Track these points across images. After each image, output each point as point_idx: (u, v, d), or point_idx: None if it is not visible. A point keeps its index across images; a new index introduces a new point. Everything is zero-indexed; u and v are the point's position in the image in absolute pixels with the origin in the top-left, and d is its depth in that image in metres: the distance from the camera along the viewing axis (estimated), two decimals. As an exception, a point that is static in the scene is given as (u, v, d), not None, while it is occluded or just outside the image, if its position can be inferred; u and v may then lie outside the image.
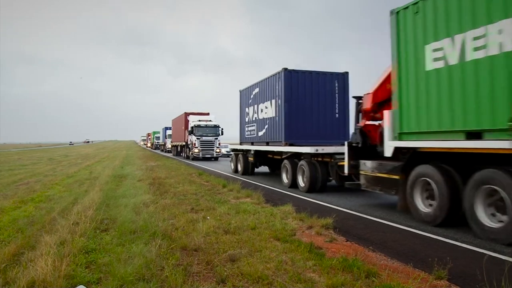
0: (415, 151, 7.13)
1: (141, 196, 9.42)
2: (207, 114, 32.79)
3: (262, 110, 15.21)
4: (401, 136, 7.39)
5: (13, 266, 4.28)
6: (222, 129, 30.17)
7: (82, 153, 49.01)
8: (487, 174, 5.75)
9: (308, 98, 13.17)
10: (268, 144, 14.69)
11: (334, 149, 11.01)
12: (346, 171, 9.36)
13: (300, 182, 11.80)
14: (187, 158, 31.65)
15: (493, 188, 5.66)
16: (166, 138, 48.83)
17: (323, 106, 13.29)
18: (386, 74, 8.53)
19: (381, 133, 8.30)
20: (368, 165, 8.55)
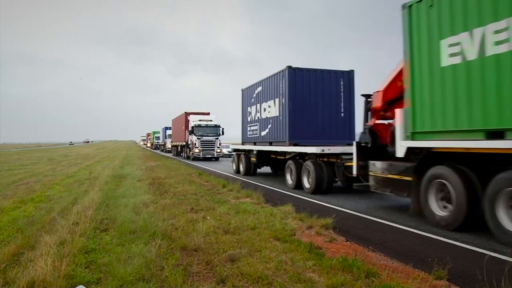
0: (429, 152, 6.81)
1: (141, 196, 9.42)
2: (208, 114, 32.51)
3: (265, 109, 14.86)
4: (414, 136, 7.06)
5: (13, 266, 4.28)
6: (223, 129, 29.95)
7: (81, 153, 49.01)
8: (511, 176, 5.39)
9: (313, 97, 12.83)
10: (271, 144, 14.38)
11: (340, 149, 10.75)
12: (355, 172, 9.04)
13: (305, 183, 11.50)
14: (188, 158, 31.42)
15: None
16: (166, 138, 48.81)
17: (328, 105, 12.96)
18: (397, 71, 8.21)
19: (392, 132, 7.98)
20: (378, 166, 8.22)
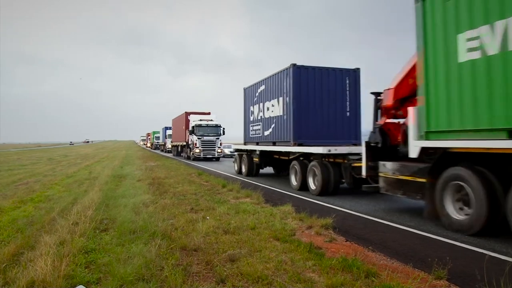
0: (445, 152, 6.46)
1: (140, 196, 9.42)
2: (208, 113, 32.19)
3: (268, 109, 14.50)
4: (428, 135, 6.73)
5: (12, 266, 4.28)
6: (224, 128, 29.68)
7: (81, 153, 49.00)
8: None
9: (318, 96, 12.45)
10: (275, 144, 14.04)
11: (347, 149, 10.51)
12: (364, 173, 8.71)
13: (311, 184, 11.14)
14: (188, 158, 31.20)
15: None
16: (166, 138, 48.77)
17: (334, 104, 12.60)
18: (409, 67, 7.89)
19: (404, 131, 7.67)
20: (389, 166, 7.88)
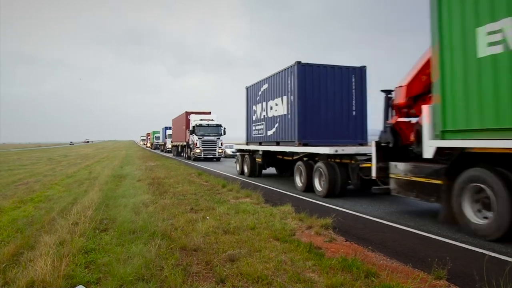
0: (463, 152, 6.15)
1: (140, 196, 9.42)
2: (209, 113, 31.85)
3: (271, 108, 14.15)
4: (444, 135, 6.41)
5: (12, 266, 4.28)
6: (225, 128, 29.36)
7: (81, 153, 49.01)
8: None
9: (323, 95, 12.08)
10: (278, 144, 13.69)
11: (355, 149, 10.28)
12: (374, 175, 8.35)
13: (317, 186, 10.79)
14: (189, 158, 30.89)
15: None
16: (166, 138, 48.75)
17: (339, 103, 12.25)
18: (421, 64, 7.55)
19: (418, 131, 7.37)
20: (401, 167, 7.55)
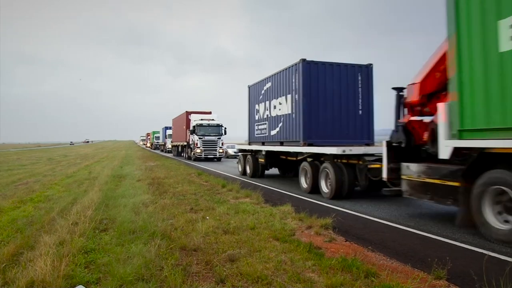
0: (482, 152, 5.83)
1: (140, 196, 9.42)
2: (209, 113, 31.60)
3: (275, 107, 13.84)
4: (461, 134, 6.09)
5: (12, 266, 4.27)
6: (225, 128, 29.17)
7: (81, 153, 49.00)
8: None
9: (329, 93, 11.76)
10: (282, 144, 13.36)
11: (363, 149, 9.99)
12: (385, 176, 8.02)
13: (323, 187, 10.47)
14: (189, 158, 30.63)
15: None
16: (166, 138, 48.73)
17: (345, 102, 11.95)
18: (435, 60, 7.22)
19: (432, 130, 7.06)
20: (414, 168, 7.24)
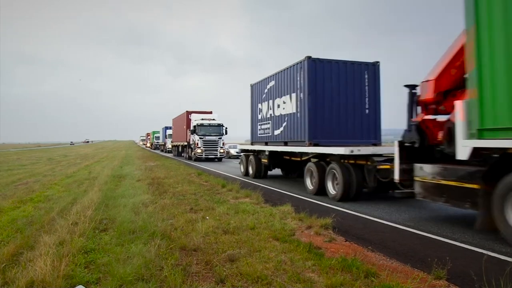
0: (505, 153, 5.53)
1: (140, 196, 9.42)
2: (210, 112, 31.42)
3: (279, 106, 13.49)
4: (481, 134, 5.78)
5: (12, 266, 4.28)
6: (226, 128, 28.95)
7: (81, 153, 48.99)
8: None
9: (335, 92, 11.44)
10: (286, 144, 13.05)
11: (372, 150, 9.76)
12: (397, 177, 7.70)
13: (330, 188, 10.13)
14: (190, 158, 30.37)
15: None
16: (166, 138, 48.71)
17: (352, 101, 11.61)
18: (450, 55, 6.80)
19: (449, 129, 6.74)
20: (428, 170, 6.92)
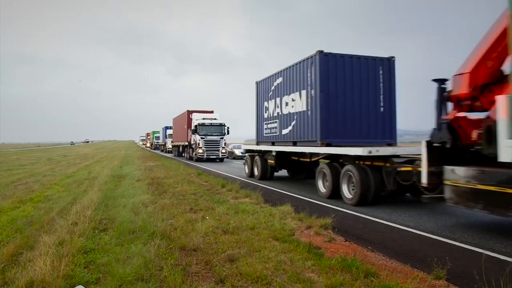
0: None
1: (140, 196, 9.42)
2: (211, 112, 31.10)
3: (287, 104, 12.83)
4: None
5: (11, 266, 4.28)
6: (228, 128, 28.55)
7: (81, 153, 48.98)
8: None
9: (348, 88, 10.82)
10: (295, 144, 12.36)
11: (391, 150, 9.21)
12: (425, 181, 7.06)
13: (346, 192, 9.46)
14: (190, 159, 29.94)
15: None
16: (166, 138, 48.60)
17: (366, 99, 10.98)
18: (487, 46, 6.22)
19: (489, 128, 6.15)
20: (461, 173, 6.33)
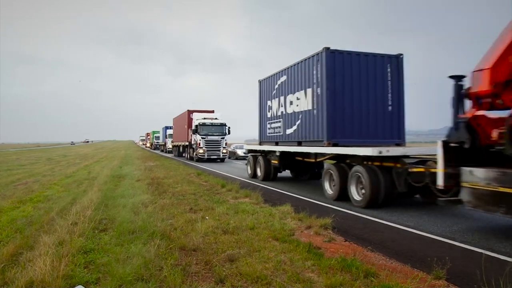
0: None
1: (139, 196, 9.42)
2: (212, 111, 30.89)
3: (292, 103, 12.52)
4: None
5: (11, 266, 4.28)
6: (229, 127, 28.37)
7: (80, 153, 48.98)
8: None
9: (356, 86, 10.51)
10: (300, 144, 12.07)
11: (402, 150, 8.91)
12: (441, 183, 6.76)
13: (354, 194, 9.11)
14: (191, 159, 29.68)
15: None
16: (166, 138, 48.53)
17: (373, 97, 10.67)
18: (509, 39, 5.90)
19: (511, 127, 5.85)
20: (480, 174, 5.99)
